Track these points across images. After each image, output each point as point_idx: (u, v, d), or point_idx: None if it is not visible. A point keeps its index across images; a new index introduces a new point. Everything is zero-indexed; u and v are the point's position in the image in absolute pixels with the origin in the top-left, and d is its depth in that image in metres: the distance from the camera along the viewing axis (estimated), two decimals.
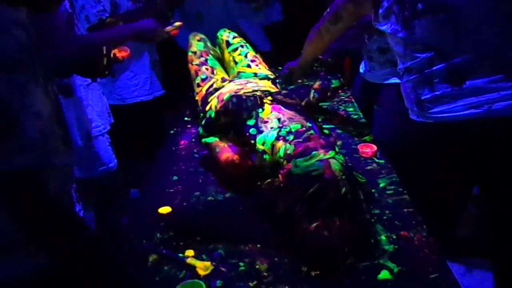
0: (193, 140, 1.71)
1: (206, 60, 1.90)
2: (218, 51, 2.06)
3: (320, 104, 1.94)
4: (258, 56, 1.94)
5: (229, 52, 1.97)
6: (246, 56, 1.91)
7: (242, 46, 1.97)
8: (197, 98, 1.78)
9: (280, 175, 1.10)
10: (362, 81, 2.01)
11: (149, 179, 1.49)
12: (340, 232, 0.98)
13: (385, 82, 1.81)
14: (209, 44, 2.02)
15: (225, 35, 2.06)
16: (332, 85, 2.22)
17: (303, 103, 1.70)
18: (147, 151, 2.07)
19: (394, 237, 1.09)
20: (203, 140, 1.44)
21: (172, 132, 1.81)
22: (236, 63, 1.91)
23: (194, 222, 1.23)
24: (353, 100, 2.03)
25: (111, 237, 1.73)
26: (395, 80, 1.74)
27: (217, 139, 1.40)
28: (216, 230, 1.16)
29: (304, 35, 1.61)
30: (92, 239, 0.81)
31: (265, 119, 1.34)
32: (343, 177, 1.03)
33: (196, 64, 1.88)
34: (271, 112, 1.36)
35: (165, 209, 1.25)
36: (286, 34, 1.97)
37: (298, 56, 1.73)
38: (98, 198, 1.73)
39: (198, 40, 2.00)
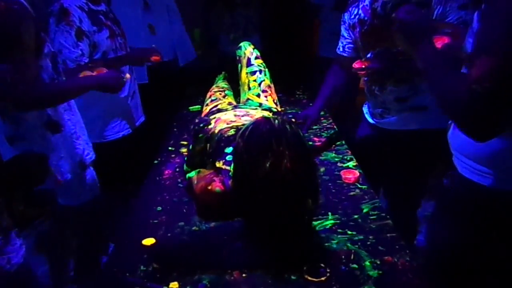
0: (177, 170, 1.71)
1: (224, 90, 2.14)
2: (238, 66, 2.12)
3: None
4: (271, 86, 1.97)
5: (246, 73, 1.99)
6: (260, 84, 1.93)
7: (260, 72, 1.98)
8: (202, 115, 1.90)
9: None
10: (370, 128, 1.86)
11: (132, 210, 1.48)
12: (293, 164, 1.00)
13: (407, 128, 1.67)
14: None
15: (249, 50, 2.05)
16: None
17: None
18: (130, 182, 2.05)
19: (378, 262, 1.10)
20: (187, 175, 1.44)
21: (156, 162, 1.81)
22: (249, 88, 1.95)
23: (178, 253, 1.21)
24: (335, 126, 2.06)
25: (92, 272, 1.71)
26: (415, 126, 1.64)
27: (197, 172, 1.40)
28: (201, 260, 1.15)
29: (282, 66, 1.64)
30: None
31: None
32: (273, 118, 1.09)
33: (214, 91, 2.13)
34: None
35: (149, 241, 1.24)
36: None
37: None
38: (82, 225, 1.71)
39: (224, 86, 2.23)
